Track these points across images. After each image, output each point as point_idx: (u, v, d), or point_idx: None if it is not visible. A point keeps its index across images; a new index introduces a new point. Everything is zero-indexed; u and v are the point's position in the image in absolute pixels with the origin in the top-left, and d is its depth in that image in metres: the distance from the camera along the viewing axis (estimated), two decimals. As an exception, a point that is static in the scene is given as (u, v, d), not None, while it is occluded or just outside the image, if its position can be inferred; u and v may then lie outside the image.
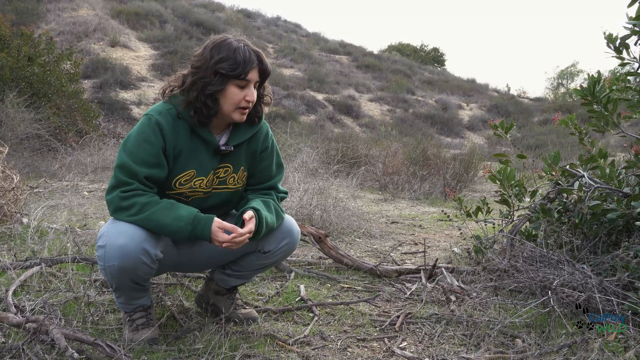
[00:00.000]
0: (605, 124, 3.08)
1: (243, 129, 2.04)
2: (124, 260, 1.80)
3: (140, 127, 1.89)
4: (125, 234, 1.80)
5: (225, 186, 2.06)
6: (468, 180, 7.82)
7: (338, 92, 22.07)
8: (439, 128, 19.93)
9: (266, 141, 2.11)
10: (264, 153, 2.12)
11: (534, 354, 1.93)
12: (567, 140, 15.10)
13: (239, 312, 2.27)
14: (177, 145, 1.91)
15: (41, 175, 6.52)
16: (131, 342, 1.93)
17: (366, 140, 10.96)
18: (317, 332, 2.23)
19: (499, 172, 3.15)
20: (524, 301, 2.48)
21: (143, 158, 1.85)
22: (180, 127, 1.91)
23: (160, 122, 1.87)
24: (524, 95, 29.85)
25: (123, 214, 1.83)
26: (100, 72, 16.36)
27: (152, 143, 1.86)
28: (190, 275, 2.80)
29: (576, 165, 3.27)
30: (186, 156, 1.93)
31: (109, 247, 1.80)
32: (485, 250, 3.10)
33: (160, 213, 1.83)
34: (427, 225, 5.08)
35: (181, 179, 1.95)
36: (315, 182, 4.99)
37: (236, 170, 2.06)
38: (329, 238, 3.28)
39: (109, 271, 1.83)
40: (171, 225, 1.83)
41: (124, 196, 1.82)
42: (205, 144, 1.96)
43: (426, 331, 2.29)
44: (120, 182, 1.84)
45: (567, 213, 3.02)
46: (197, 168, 1.96)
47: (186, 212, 1.86)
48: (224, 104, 1.90)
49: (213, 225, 1.86)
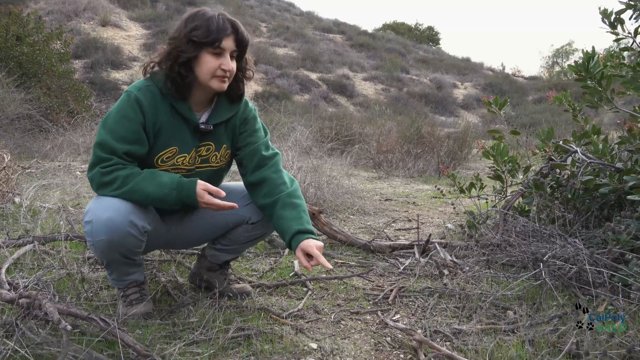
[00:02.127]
0: (599, 100, 3.08)
1: (225, 108, 2.01)
2: (111, 234, 1.80)
3: (119, 104, 1.88)
4: (111, 207, 1.80)
5: (208, 164, 2.05)
6: (462, 158, 7.83)
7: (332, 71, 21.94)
8: (434, 107, 19.89)
9: (245, 112, 2.08)
10: (246, 125, 2.07)
11: (524, 325, 1.96)
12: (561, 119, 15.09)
13: (233, 287, 2.28)
14: (156, 121, 1.90)
15: (33, 155, 6.48)
16: (125, 317, 1.94)
17: (360, 119, 10.93)
18: (310, 306, 2.25)
19: (492, 148, 3.15)
20: (516, 274, 2.51)
21: (122, 134, 1.84)
22: (160, 104, 1.90)
23: (139, 98, 1.87)
24: (518, 74, 29.78)
25: (106, 189, 1.83)
26: (91, 52, 16.19)
27: (130, 119, 1.86)
28: (184, 252, 2.81)
29: (569, 141, 3.28)
30: (167, 133, 1.92)
31: (95, 222, 1.80)
32: (478, 226, 3.12)
33: (143, 183, 1.83)
34: (420, 203, 5.10)
35: (163, 156, 1.94)
36: (309, 161, 4.99)
37: (218, 148, 2.05)
38: (323, 215, 3.29)
39: (97, 246, 1.84)
40: (155, 193, 1.83)
41: (105, 171, 1.83)
42: (185, 121, 1.95)
43: (419, 304, 2.31)
44: (99, 158, 1.84)
45: (559, 188, 3.04)
46: (179, 145, 1.95)
47: (169, 178, 1.86)
48: (199, 72, 1.87)
49: (197, 187, 1.86)
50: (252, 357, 1.76)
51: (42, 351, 1.56)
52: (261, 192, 2.04)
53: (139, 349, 1.59)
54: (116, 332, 1.56)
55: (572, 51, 35.39)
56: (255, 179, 2.05)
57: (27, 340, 1.58)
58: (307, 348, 1.86)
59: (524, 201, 3.14)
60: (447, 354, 1.77)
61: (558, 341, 1.84)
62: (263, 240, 3.12)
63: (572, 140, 3.26)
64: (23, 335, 1.57)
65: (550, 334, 1.90)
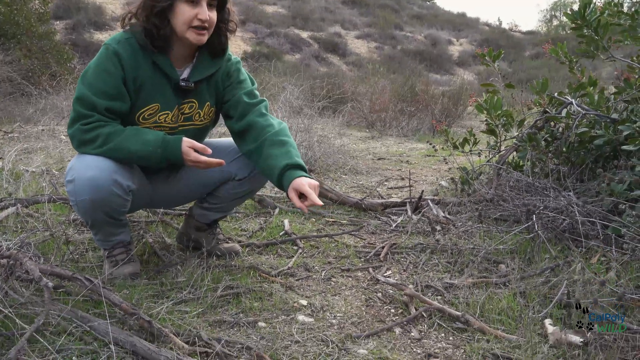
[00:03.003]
0: (595, 49, 3.04)
1: (206, 63, 1.96)
2: (95, 193, 1.78)
3: (98, 58, 1.83)
4: (94, 166, 1.77)
5: (191, 122, 2.02)
6: (457, 115, 7.80)
7: (323, 29, 21.62)
8: (428, 65, 19.70)
9: (227, 67, 2.03)
10: (230, 79, 2.04)
11: (516, 277, 1.97)
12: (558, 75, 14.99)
13: (221, 246, 2.28)
14: (137, 76, 1.85)
15: (15, 120, 6.38)
16: (111, 276, 1.94)
17: (353, 78, 10.82)
18: (301, 264, 2.26)
19: (486, 101, 3.13)
20: (509, 229, 2.52)
21: (102, 89, 1.80)
22: (140, 58, 1.85)
23: (118, 51, 1.81)
24: (515, 28, 29.48)
25: (88, 147, 1.80)
26: (72, 12, 15.84)
27: (110, 73, 1.81)
28: (171, 212, 2.80)
29: (565, 93, 3.25)
30: (148, 89, 1.88)
31: (78, 181, 1.78)
32: (471, 181, 3.12)
33: (127, 141, 1.80)
34: (414, 161, 5.09)
35: (145, 113, 1.90)
36: (299, 120, 4.94)
37: (201, 106, 2.01)
38: (313, 173, 3.27)
39: (81, 206, 1.82)
40: (140, 151, 1.81)
41: (86, 129, 1.79)
42: (166, 77, 1.90)
43: (411, 260, 2.33)
44: (80, 114, 1.80)
45: (554, 141, 3.03)
46: (161, 102, 1.91)
47: (153, 135, 1.83)
48: (175, 23, 1.82)
49: (183, 144, 1.83)
50: (241, 314, 1.78)
51: (26, 311, 1.56)
52: (248, 139, 1.99)
53: (125, 307, 1.59)
54: (101, 290, 1.56)
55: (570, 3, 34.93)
56: (242, 127, 2.00)
57: (11, 300, 1.58)
58: (297, 305, 1.87)
59: (518, 155, 3.14)
60: (438, 307, 1.79)
61: (549, 292, 1.86)
62: (252, 200, 3.11)
63: (568, 92, 3.23)
64: (6, 296, 1.57)
65: (542, 285, 1.92)
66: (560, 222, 2.34)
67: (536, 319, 1.71)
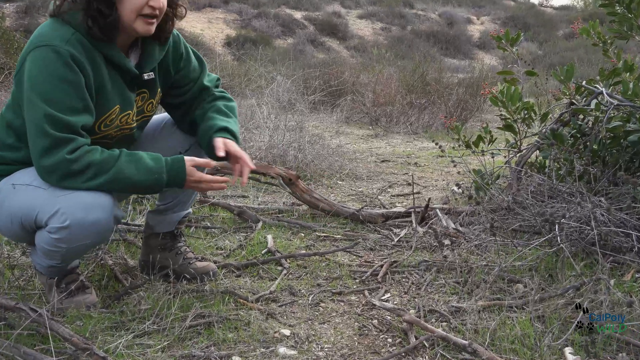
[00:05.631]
0: (628, 29, 3.08)
1: (154, 50, 1.99)
2: (98, 237, 1.83)
3: (47, 65, 1.74)
4: (94, 205, 1.77)
5: (143, 115, 2.07)
6: (475, 108, 7.83)
7: (320, 8, 21.69)
8: (444, 48, 19.78)
9: (178, 48, 2.09)
10: (182, 60, 2.11)
11: (534, 299, 2.00)
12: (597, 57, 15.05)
13: (192, 266, 2.31)
14: (97, 79, 1.84)
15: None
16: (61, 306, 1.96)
17: (354, 65, 10.87)
18: (285, 287, 2.28)
19: (502, 93, 3.16)
20: (528, 242, 2.54)
21: (68, 104, 1.75)
22: (94, 57, 1.83)
23: (72, 53, 1.76)
24: (547, 3, 29.54)
25: (76, 181, 1.76)
26: (24, -7, 15.89)
27: (72, 82, 1.76)
28: (134, 230, 2.83)
29: (595, 81, 3.28)
30: (107, 91, 1.88)
31: (77, 227, 1.76)
32: (487, 187, 3.14)
33: (128, 169, 1.80)
34: (423, 163, 5.13)
35: (107, 120, 1.91)
36: (290, 117, 4.99)
37: (153, 95, 2.07)
38: (302, 180, 3.31)
39: (73, 251, 1.84)
40: (144, 180, 1.82)
41: (73, 158, 1.74)
42: (120, 72, 1.92)
43: (413, 280, 2.36)
44: (58, 139, 1.73)
45: (582, 138, 3.06)
46: (121, 102, 1.93)
47: (152, 160, 1.85)
48: (122, 10, 1.80)
49: (187, 165, 1.87)
50: (212, 348, 1.80)
51: (-39, 349, 1.59)
52: (194, 109, 2.15)
53: (76, 341, 1.62)
54: (47, 322, 1.59)
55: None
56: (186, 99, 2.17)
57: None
58: (279, 335, 1.90)
59: (541, 154, 3.17)
60: (442, 336, 1.82)
61: (571, 316, 1.89)
62: (231, 213, 3.14)
63: (599, 80, 3.26)
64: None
65: (564, 308, 1.95)
66: (587, 234, 2.36)
67: (555, 347, 1.73)
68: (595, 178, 2.82)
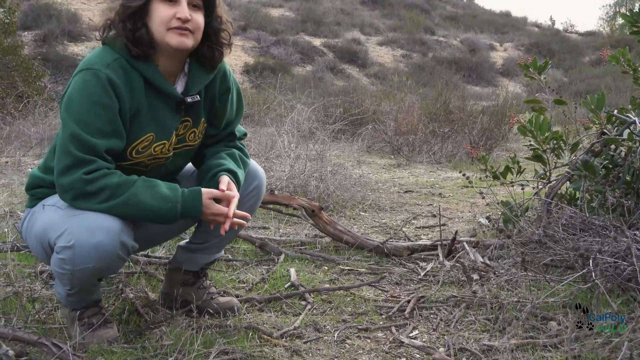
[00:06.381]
0: (660, 58, 3.08)
1: (199, 75, 2.03)
2: (101, 261, 1.80)
3: (86, 86, 1.82)
4: (99, 227, 1.78)
5: (184, 144, 2.09)
6: (500, 137, 7.82)
7: (339, 35, 21.91)
8: (466, 75, 19.85)
9: (226, 82, 2.12)
10: (226, 95, 2.14)
11: (569, 337, 1.97)
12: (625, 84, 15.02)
13: (215, 301, 2.31)
14: (133, 104, 1.89)
15: (-25, 151, 6.54)
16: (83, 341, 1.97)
17: (375, 93, 10.94)
18: (310, 323, 2.28)
19: (530, 122, 3.16)
20: (561, 277, 2.52)
21: (98, 127, 1.81)
22: (134, 82, 1.89)
23: (111, 77, 1.83)
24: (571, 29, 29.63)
25: (89, 202, 1.80)
26: (43, 21, 16.27)
27: (105, 106, 1.82)
28: (155, 262, 2.84)
29: (627, 110, 3.27)
30: (144, 117, 1.92)
31: (80, 248, 1.77)
32: (516, 219, 3.13)
33: (141, 195, 1.82)
34: (448, 194, 5.12)
35: (138, 146, 1.95)
36: (310, 146, 5.01)
37: (196, 124, 2.09)
38: (325, 212, 3.31)
39: (78, 274, 1.83)
40: (157, 208, 1.83)
41: (89, 179, 1.78)
42: (164, 98, 1.95)
43: (442, 317, 2.34)
44: (78, 160, 1.78)
45: (615, 169, 3.04)
46: (156, 131, 1.96)
47: (168, 188, 1.87)
48: (152, 26, 1.86)
49: (204, 196, 1.89)
50: (237, 386, 1.80)
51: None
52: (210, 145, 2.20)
53: (99, 379, 1.62)
54: (70, 358, 1.59)
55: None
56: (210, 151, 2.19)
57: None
58: (304, 373, 1.89)
59: (571, 186, 3.15)
60: (474, 375, 1.80)
61: (610, 356, 1.86)
62: (253, 245, 3.15)
63: (631, 109, 3.25)
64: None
65: (601, 347, 1.92)
66: (623, 269, 2.34)
67: (593, 389, 1.71)
68: (629, 211, 2.80)
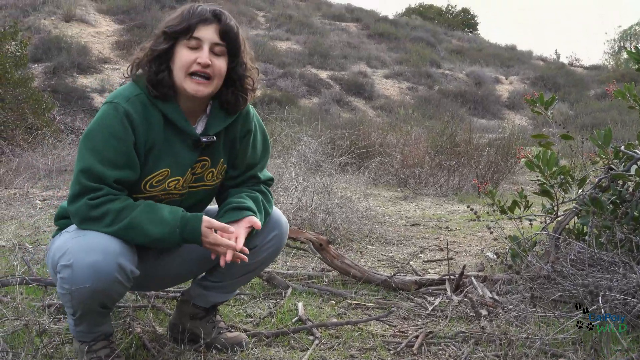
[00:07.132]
0: (666, 93, 3.10)
1: (219, 117, 2.07)
2: (97, 282, 1.80)
3: (104, 118, 1.89)
4: (97, 248, 1.81)
5: (202, 183, 2.11)
6: (507, 170, 7.83)
7: (346, 68, 22.10)
8: (472, 108, 19.95)
9: (247, 124, 2.15)
10: (247, 137, 2.16)
11: (579, 376, 1.96)
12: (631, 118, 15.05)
13: (223, 337, 2.31)
14: (149, 139, 1.94)
15: (-17, 182, 6.58)
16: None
17: (381, 125, 10.99)
18: (317, 358, 2.27)
19: (538, 157, 3.17)
20: (570, 313, 2.51)
21: (111, 158, 1.87)
22: (152, 117, 1.94)
23: (129, 111, 1.89)
24: (577, 63, 29.81)
25: (94, 225, 1.85)
26: (53, 53, 16.50)
27: (120, 139, 1.88)
28: (163, 295, 2.85)
29: (634, 145, 3.28)
30: (159, 152, 1.97)
31: (77, 267, 1.79)
32: (523, 254, 3.12)
33: (142, 219, 1.86)
34: (455, 227, 5.11)
35: (153, 180, 1.99)
36: (317, 179, 5.03)
37: (215, 164, 2.11)
38: (333, 245, 3.32)
39: (76, 295, 1.84)
40: (156, 232, 1.87)
41: (93, 204, 1.84)
42: (181, 136, 1.99)
43: (450, 353, 2.33)
44: (85, 188, 1.85)
45: (623, 204, 3.04)
46: (171, 166, 2.00)
47: (170, 213, 1.90)
48: (174, 69, 1.93)
49: (202, 224, 1.91)
50: (244, 422, 1.79)
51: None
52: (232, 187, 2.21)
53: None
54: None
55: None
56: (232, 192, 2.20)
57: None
58: (313, 410, 1.88)
59: (579, 221, 3.15)
60: (484, 414, 1.78)
61: (620, 395, 1.85)
62: (260, 278, 3.15)
63: (638, 144, 3.27)
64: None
65: (612, 385, 1.90)
66: (633, 306, 2.33)
67: None
68: (638, 247, 2.79)
